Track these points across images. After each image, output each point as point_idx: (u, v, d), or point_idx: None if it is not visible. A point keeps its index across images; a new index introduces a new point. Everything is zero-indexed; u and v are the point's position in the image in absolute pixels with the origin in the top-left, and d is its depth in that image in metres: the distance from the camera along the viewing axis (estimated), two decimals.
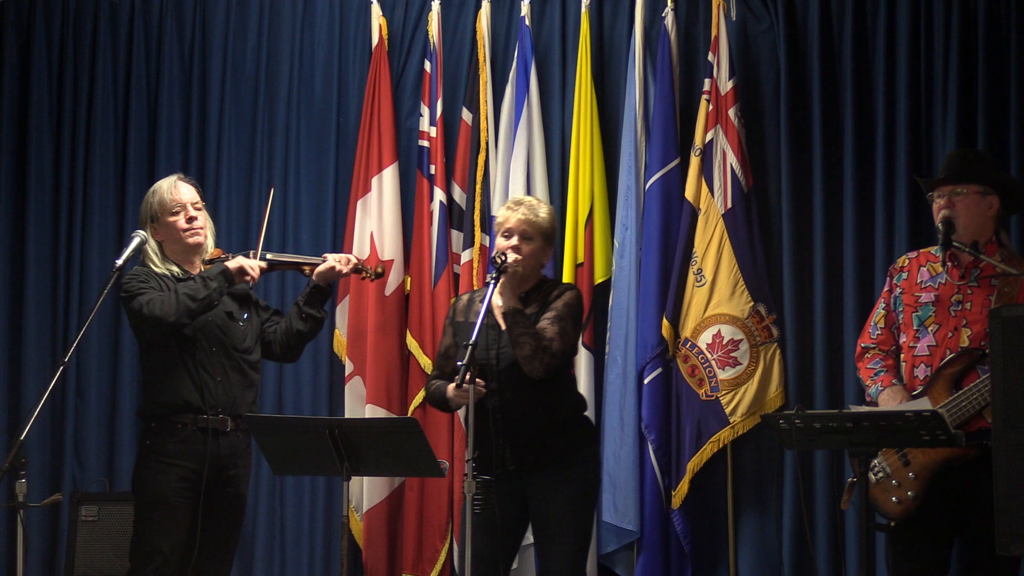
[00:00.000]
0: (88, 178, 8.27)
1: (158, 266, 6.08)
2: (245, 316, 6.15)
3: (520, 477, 5.71)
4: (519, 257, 5.72)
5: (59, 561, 7.96)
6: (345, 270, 6.25)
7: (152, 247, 6.10)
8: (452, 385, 5.60)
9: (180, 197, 6.10)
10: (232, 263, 6.03)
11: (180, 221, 6.08)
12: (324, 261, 6.28)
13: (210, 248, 6.21)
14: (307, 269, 6.29)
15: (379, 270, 6.44)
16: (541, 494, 5.69)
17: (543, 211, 5.85)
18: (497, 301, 5.73)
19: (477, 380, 5.50)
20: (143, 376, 6.12)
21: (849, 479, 5.87)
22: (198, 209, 6.13)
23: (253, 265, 6.06)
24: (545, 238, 5.83)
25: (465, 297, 6.05)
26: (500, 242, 5.80)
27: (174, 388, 5.95)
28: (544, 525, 5.73)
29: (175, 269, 6.10)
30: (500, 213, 5.93)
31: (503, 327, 5.72)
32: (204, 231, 6.16)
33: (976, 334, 5.63)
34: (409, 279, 7.88)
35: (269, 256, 6.26)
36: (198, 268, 6.14)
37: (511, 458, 5.68)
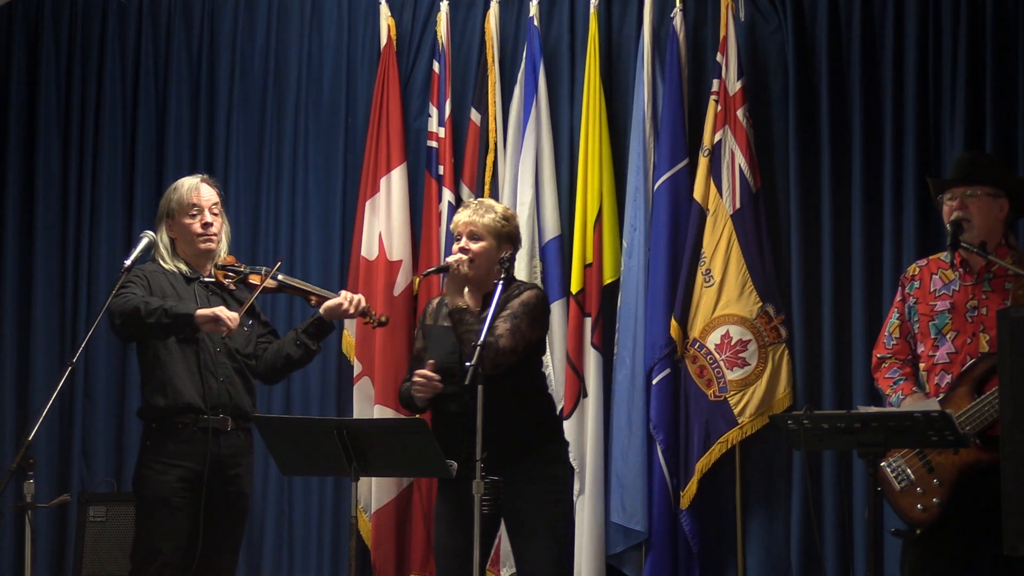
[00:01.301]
0: (96, 178, 8.29)
1: (167, 262, 6.08)
2: (250, 322, 6.13)
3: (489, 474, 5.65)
4: (462, 258, 5.69)
5: (67, 561, 7.97)
6: (352, 311, 6.20)
7: (164, 242, 6.10)
8: (415, 380, 5.60)
9: (200, 200, 6.07)
10: (204, 311, 5.86)
11: (196, 225, 6.06)
12: (334, 296, 6.20)
13: (223, 253, 6.19)
14: (313, 300, 6.22)
15: (383, 319, 6.37)
16: (510, 494, 5.63)
17: (491, 212, 5.74)
18: (468, 301, 5.71)
19: (432, 374, 5.55)
20: (143, 376, 6.09)
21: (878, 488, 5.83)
22: (215, 214, 6.10)
23: (231, 316, 5.88)
24: (496, 237, 5.70)
25: (435, 301, 5.96)
26: (453, 246, 5.80)
27: (176, 389, 5.95)
28: (517, 525, 5.67)
29: (183, 267, 6.09)
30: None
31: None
32: (218, 238, 6.14)
33: (994, 339, 5.61)
34: (418, 280, 7.89)
35: (280, 277, 6.20)
36: (208, 271, 6.13)
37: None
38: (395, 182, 7.93)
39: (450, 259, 5.67)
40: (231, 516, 6.06)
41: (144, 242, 6.06)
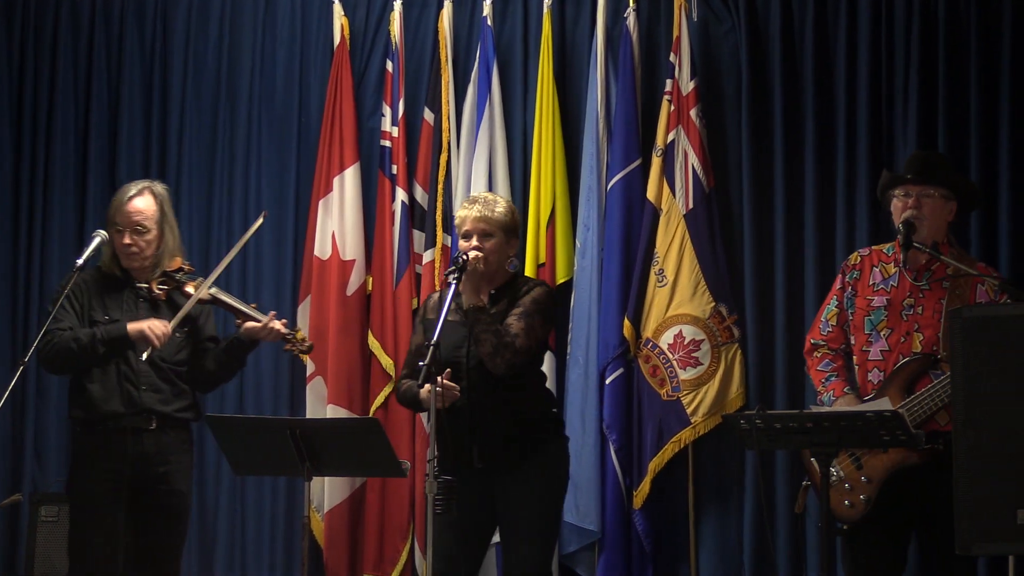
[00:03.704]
0: (48, 177, 8.24)
1: (106, 264, 6.11)
2: (185, 328, 6.09)
3: (487, 476, 5.68)
4: (479, 255, 5.67)
5: (18, 561, 7.92)
6: (268, 337, 6.12)
7: (108, 245, 6.09)
8: (424, 388, 5.46)
9: (125, 216, 6.02)
10: (134, 327, 5.90)
11: (119, 241, 6.04)
12: (263, 319, 6.11)
13: (168, 257, 6.11)
14: (239, 320, 6.19)
15: (306, 347, 6.29)
16: (508, 493, 5.65)
17: (499, 206, 5.76)
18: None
19: (450, 383, 5.45)
20: (70, 383, 6.09)
21: (803, 483, 5.88)
22: (141, 231, 6.02)
23: (159, 334, 5.89)
24: (505, 232, 5.73)
25: (436, 295, 5.95)
26: (461, 243, 5.77)
27: (93, 400, 5.93)
28: (511, 524, 5.69)
29: (118, 273, 6.09)
30: (458, 214, 5.87)
31: None
32: (143, 255, 6.04)
33: (928, 339, 5.65)
34: (371, 279, 7.87)
35: (213, 291, 6.14)
36: (144, 278, 6.09)
37: (478, 456, 5.64)
38: (348, 181, 7.91)
39: (469, 256, 5.62)
40: (166, 515, 6.03)
41: (96, 241, 6.04)
